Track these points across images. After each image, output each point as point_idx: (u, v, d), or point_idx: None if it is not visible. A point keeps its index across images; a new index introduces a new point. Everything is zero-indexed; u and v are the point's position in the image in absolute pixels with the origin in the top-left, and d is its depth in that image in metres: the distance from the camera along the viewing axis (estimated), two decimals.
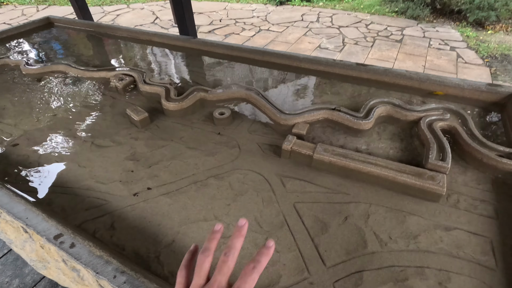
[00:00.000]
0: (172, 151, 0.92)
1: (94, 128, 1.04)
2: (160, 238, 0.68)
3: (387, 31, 4.21)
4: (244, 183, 0.80)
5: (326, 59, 1.24)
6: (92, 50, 1.67)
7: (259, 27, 4.47)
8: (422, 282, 0.57)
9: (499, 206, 0.70)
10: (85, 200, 0.78)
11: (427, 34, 4.07)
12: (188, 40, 1.53)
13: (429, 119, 0.90)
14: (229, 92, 1.12)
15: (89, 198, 0.78)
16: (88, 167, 0.88)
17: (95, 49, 1.69)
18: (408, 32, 4.15)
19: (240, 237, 0.37)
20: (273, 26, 4.50)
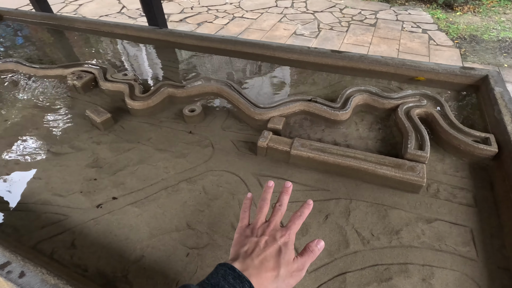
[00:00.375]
0: (139, 154, 0.85)
1: (50, 133, 0.94)
2: (128, 254, 0.62)
3: (361, 15, 4.21)
4: (218, 185, 0.75)
5: (301, 47, 1.19)
6: (48, 45, 1.52)
7: (232, 14, 4.33)
8: (406, 280, 0.55)
9: (477, 193, 0.69)
10: (41, 216, 0.70)
11: (400, 17, 4.11)
12: (153, 31, 1.42)
13: (406, 106, 0.88)
14: (200, 87, 1.04)
15: (45, 214, 0.70)
16: (44, 179, 0.79)
17: (51, 44, 1.53)
18: (381, 15, 4.17)
19: (287, 194, 0.51)
20: (247, 13, 4.37)
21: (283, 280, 0.40)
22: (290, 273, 0.41)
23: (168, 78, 1.19)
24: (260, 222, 0.47)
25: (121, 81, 1.07)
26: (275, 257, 0.41)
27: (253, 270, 0.39)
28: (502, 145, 0.73)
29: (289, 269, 0.41)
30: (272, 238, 0.43)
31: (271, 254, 0.41)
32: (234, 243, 0.46)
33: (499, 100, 0.84)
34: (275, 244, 0.42)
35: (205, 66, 1.26)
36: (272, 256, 0.41)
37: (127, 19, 4.24)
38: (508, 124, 0.75)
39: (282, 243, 0.43)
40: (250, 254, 0.41)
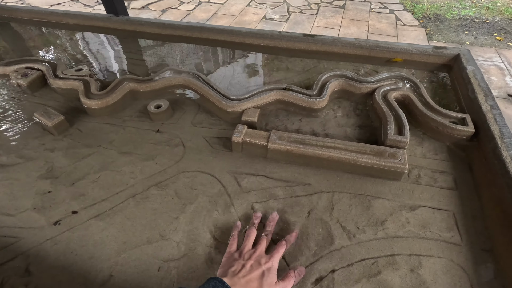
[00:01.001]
0: (100, 160, 0.76)
1: None
2: (93, 275, 0.55)
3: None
4: (192, 188, 0.69)
5: (272, 32, 1.12)
6: None
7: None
8: (395, 273, 0.53)
9: (457, 176, 0.69)
10: None
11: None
12: (109, 20, 1.28)
13: (383, 90, 0.86)
14: (165, 80, 0.95)
15: None
16: None
17: None
18: None
19: (273, 222, 0.59)
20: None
21: None
22: None
23: (128, 72, 1.08)
24: (247, 248, 0.53)
25: (75, 78, 0.96)
26: (259, 279, 0.47)
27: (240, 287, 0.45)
28: (478, 125, 0.73)
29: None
30: (257, 263, 0.49)
31: (255, 276, 0.47)
32: (222, 264, 0.52)
33: (472, 79, 0.83)
34: (260, 268, 0.48)
35: (170, 57, 1.16)
36: (256, 278, 0.47)
37: (83, 7, 3.91)
38: (482, 103, 0.75)
39: (266, 268, 0.49)
40: (237, 274, 0.47)
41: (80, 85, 0.91)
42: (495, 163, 0.64)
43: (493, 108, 0.73)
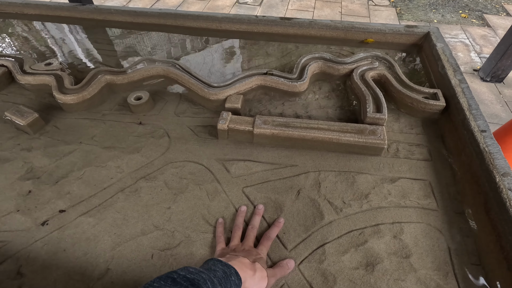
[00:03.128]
0: (83, 156, 0.74)
1: None
2: (90, 271, 0.55)
3: None
4: (182, 178, 0.69)
5: (248, 17, 1.11)
6: None
7: None
8: (380, 240, 0.57)
9: (431, 147, 0.74)
10: None
11: None
12: (75, 9, 1.21)
13: (360, 70, 0.89)
14: (143, 71, 0.93)
15: None
16: None
17: None
18: None
19: (259, 215, 0.61)
20: None
21: (258, 281, 0.48)
22: (263, 277, 0.49)
23: (103, 64, 1.04)
24: (234, 245, 0.55)
25: (45, 73, 0.91)
26: (251, 265, 0.49)
27: (235, 265, 0.46)
28: (449, 99, 0.78)
29: (262, 275, 0.49)
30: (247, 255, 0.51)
31: (248, 261, 0.49)
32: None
33: (441, 56, 0.88)
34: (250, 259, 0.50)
35: (145, 46, 1.13)
36: (249, 263, 0.49)
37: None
38: (451, 78, 0.80)
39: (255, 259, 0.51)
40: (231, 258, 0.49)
41: (52, 80, 0.87)
42: (464, 133, 0.69)
43: (462, 82, 0.78)
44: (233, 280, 0.43)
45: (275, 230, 0.58)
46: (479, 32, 3.16)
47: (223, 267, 0.44)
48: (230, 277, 0.43)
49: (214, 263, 0.45)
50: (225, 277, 0.42)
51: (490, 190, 0.58)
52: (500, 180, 0.56)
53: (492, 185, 0.57)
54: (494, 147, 0.62)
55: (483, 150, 0.62)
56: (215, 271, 0.42)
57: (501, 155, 0.60)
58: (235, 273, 0.44)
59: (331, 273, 0.53)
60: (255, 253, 0.53)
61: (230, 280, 0.42)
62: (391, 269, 0.54)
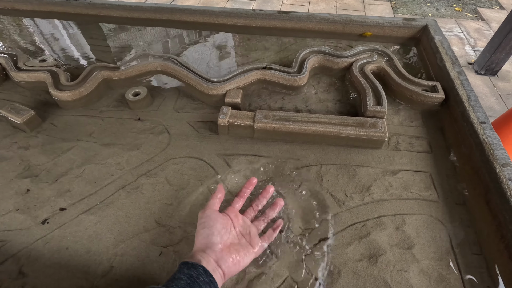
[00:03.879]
0: (82, 153, 0.73)
1: None
2: (93, 268, 0.55)
3: None
4: (183, 174, 0.68)
5: (246, 11, 1.10)
6: None
7: None
8: (383, 232, 0.58)
9: (431, 139, 0.74)
10: None
11: None
12: (68, 4, 1.18)
13: (360, 63, 0.89)
14: (140, 66, 0.91)
15: None
16: None
17: None
18: None
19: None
20: None
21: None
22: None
23: (99, 60, 1.02)
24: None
25: (40, 69, 0.89)
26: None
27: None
28: (448, 91, 0.78)
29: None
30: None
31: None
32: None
33: (440, 48, 0.88)
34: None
35: (141, 41, 1.11)
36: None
37: None
38: (450, 70, 0.80)
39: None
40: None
41: (48, 77, 0.85)
42: (464, 125, 0.69)
43: (460, 74, 0.79)
44: (202, 280, 0.41)
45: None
46: (473, 25, 3.18)
47: (189, 270, 0.42)
48: (198, 279, 0.41)
49: (180, 268, 0.43)
50: (191, 282, 0.41)
51: (490, 180, 0.58)
52: (500, 170, 0.57)
53: (492, 176, 0.58)
54: (493, 138, 0.62)
55: (483, 141, 0.63)
56: (179, 279, 0.41)
57: (501, 146, 0.61)
58: (203, 272, 0.42)
59: (335, 266, 0.54)
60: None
61: (199, 281, 0.41)
62: (394, 260, 0.54)
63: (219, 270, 0.45)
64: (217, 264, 0.45)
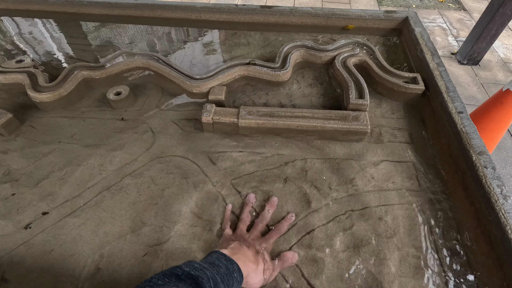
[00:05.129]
0: (63, 156, 0.72)
1: None
2: (78, 271, 0.54)
3: None
4: (168, 172, 0.68)
5: (228, 6, 1.09)
6: None
7: None
8: (366, 223, 0.59)
9: (412, 130, 0.76)
10: None
11: None
12: (45, 2, 1.14)
13: (342, 57, 0.89)
14: (122, 64, 0.90)
15: None
16: None
17: None
18: None
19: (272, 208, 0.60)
20: None
21: (260, 274, 0.48)
22: (266, 270, 0.49)
23: (78, 59, 1.00)
24: (242, 231, 0.56)
25: (17, 70, 0.86)
26: (255, 256, 0.49)
27: (239, 259, 0.46)
28: (427, 82, 0.80)
29: (265, 267, 0.49)
30: (252, 244, 0.52)
31: (252, 253, 0.49)
32: (220, 242, 0.55)
33: (420, 40, 0.89)
34: (255, 248, 0.51)
35: (122, 39, 1.09)
36: (253, 255, 0.49)
37: None
38: (430, 62, 0.82)
39: (260, 248, 0.52)
40: (236, 250, 0.48)
41: (25, 78, 0.83)
42: (443, 115, 0.71)
43: (439, 66, 0.80)
44: (235, 277, 0.42)
45: (285, 224, 0.58)
46: (455, 16, 3.23)
47: (227, 262, 0.43)
48: (233, 274, 0.42)
49: (218, 257, 0.44)
50: (228, 273, 0.41)
51: (467, 168, 0.60)
52: (477, 158, 0.59)
53: (469, 164, 0.60)
54: (470, 128, 0.64)
55: (460, 130, 0.64)
56: (219, 267, 0.42)
57: (477, 135, 0.63)
58: (238, 270, 0.43)
59: (320, 257, 0.55)
60: (260, 242, 0.53)
61: (233, 277, 0.42)
62: (377, 250, 0.56)
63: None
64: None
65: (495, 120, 1.39)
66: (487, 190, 0.54)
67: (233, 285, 0.41)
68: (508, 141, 1.92)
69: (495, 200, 0.53)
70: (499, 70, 2.52)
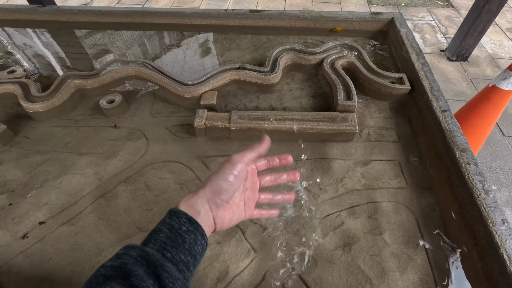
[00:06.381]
0: (58, 165, 0.73)
1: None
2: (77, 278, 0.55)
3: None
4: (162, 178, 0.69)
5: (218, 11, 1.10)
6: None
7: None
8: (356, 221, 0.61)
9: (399, 130, 0.78)
10: None
11: None
12: (35, 11, 1.15)
13: (330, 59, 0.91)
14: (114, 73, 0.91)
15: None
16: None
17: None
18: None
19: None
20: None
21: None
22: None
23: (70, 68, 1.00)
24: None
25: (9, 81, 0.87)
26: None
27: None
28: (413, 82, 0.82)
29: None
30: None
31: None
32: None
33: (405, 41, 0.92)
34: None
35: (113, 47, 1.10)
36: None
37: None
38: (415, 62, 0.84)
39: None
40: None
41: (18, 89, 0.83)
42: (428, 114, 0.73)
43: (424, 66, 0.83)
44: (186, 230, 0.37)
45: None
46: (444, 13, 3.28)
47: (171, 219, 0.37)
48: (180, 229, 0.36)
49: (164, 218, 0.38)
50: (172, 234, 0.36)
51: (451, 165, 0.63)
52: (460, 155, 0.61)
53: (453, 161, 0.62)
54: (454, 125, 0.67)
55: (445, 128, 0.67)
56: (159, 231, 0.36)
57: (460, 133, 0.65)
58: (187, 220, 0.37)
59: (312, 256, 0.57)
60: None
61: (181, 232, 0.36)
62: (367, 247, 0.57)
63: (212, 223, 0.40)
64: (214, 221, 0.40)
65: (483, 115, 1.43)
66: (469, 186, 0.57)
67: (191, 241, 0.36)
68: (497, 135, 1.96)
69: (477, 195, 0.55)
70: (487, 65, 2.56)
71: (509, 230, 0.50)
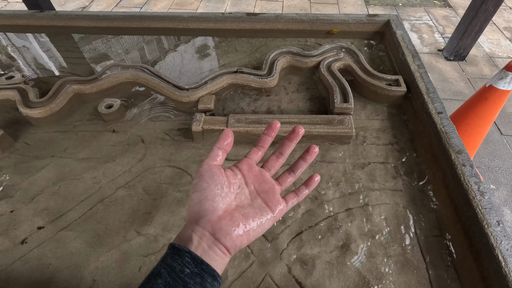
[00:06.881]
0: (57, 170, 0.73)
1: None
2: (75, 283, 0.56)
3: None
4: (160, 183, 0.70)
5: (215, 14, 1.11)
6: None
7: None
8: (353, 224, 0.62)
9: (395, 131, 0.78)
10: None
11: None
12: (33, 16, 1.15)
13: (327, 62, 0.92)
14: (112, 78, 0.91)
15: None
16: None
17: None
18: None
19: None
20: None
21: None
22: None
23: (69, 73, 1.01)
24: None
25: (7, 87, 0.87)
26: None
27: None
28: (409, 84, 0.82)
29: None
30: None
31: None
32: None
33: (401, 43, 0.92)
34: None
35: (111, 51, 1.10)
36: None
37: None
38: (411, 64, 0.84)
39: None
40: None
41: (16, 95, 0.84)
42: (424, 116, 0.74)
43: (420, 68, 0.83)
44: (189, 273, 0.30)
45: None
46: (441, 13, 3.29)
47: (172, 260, 0.31)
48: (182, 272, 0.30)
49: (164, 256, 0.32)
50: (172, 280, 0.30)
51: (447, 167, 0.63)
52: (456, 157, 0.61)
53: (449, 162, 0.62)
54: (449, 127, 0.67)
55: (440, 130, 0.67)
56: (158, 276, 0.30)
57: (456, 134, 0.66)
58: (191, 261, 0.31)
59: (310, 258, 0.57)
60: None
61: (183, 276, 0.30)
62: (364, 248, 0.58)
63: (218, 246, 0.33)
64: (215, 238, 0.33)
65: (480, 115, 1.43)
66: (465, 187, 0.57)
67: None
68: (496, 134, 1.97)
69: (473, 196, 0.55)
70: (485, 64, 2.57)
71: (504, 231, 0.50)
